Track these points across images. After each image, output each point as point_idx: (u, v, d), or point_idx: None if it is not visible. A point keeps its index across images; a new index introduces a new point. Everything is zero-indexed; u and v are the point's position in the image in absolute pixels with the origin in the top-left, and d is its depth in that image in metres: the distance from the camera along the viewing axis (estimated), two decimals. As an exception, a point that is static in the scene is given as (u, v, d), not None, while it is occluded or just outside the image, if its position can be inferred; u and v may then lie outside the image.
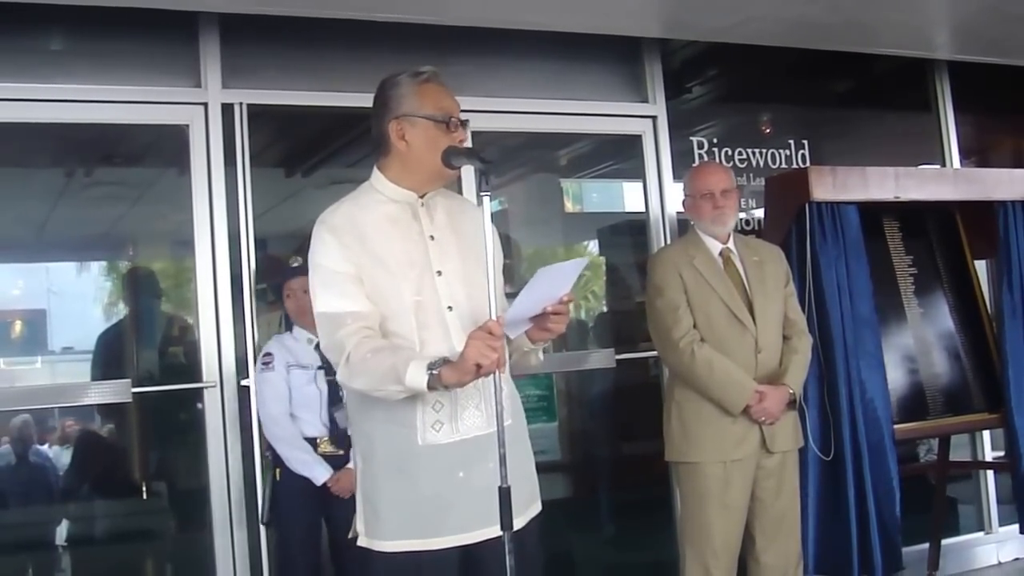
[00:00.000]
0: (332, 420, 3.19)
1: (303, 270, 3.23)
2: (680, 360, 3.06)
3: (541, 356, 2.12)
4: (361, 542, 2.05)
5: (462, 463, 1.98)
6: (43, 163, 3.77)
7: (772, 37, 4.11)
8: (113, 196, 3.95)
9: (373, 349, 1.92)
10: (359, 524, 2.07)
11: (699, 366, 3.02)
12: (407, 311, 1.98)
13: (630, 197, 4.42)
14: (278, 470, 3.21)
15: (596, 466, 4.59)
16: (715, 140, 4.34)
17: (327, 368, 3.19)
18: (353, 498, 3.01)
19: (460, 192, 3.28)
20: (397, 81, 2.06)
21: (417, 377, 1.83)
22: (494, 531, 1.90)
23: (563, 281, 1.91)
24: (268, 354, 3.25)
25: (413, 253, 2.02)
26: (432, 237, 2.05)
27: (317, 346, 3.21)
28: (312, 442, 3.19)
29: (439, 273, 2.02)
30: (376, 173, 2.11)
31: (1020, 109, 5.00)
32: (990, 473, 4.62)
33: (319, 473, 3.14)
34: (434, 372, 1.83)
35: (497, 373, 1.83)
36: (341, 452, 3.16)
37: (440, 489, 1.97)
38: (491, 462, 1.92)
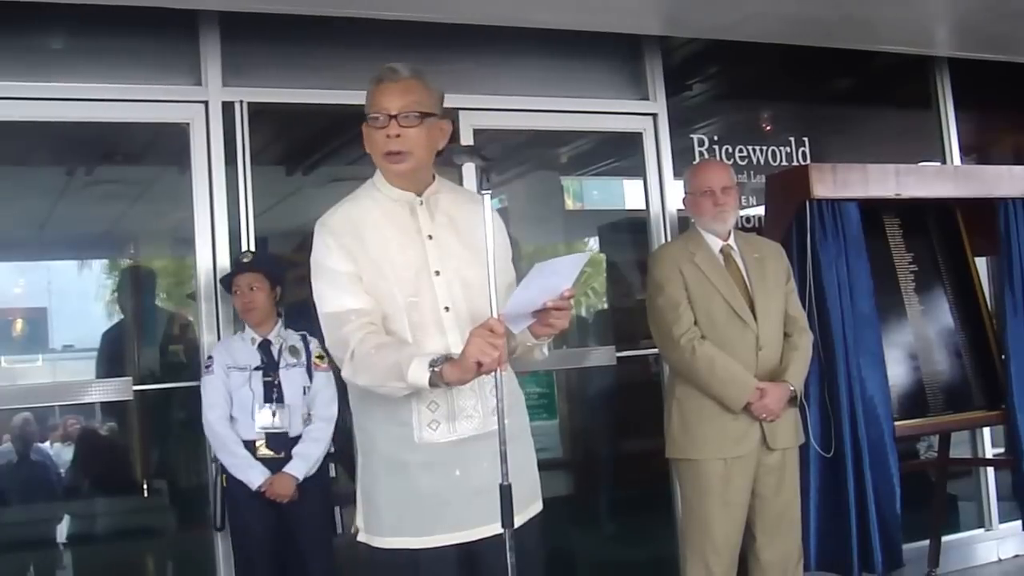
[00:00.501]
0: (269, 420, 3.10)
1: (252, 266, 3.17)
2: (681, 357, 3.07)
3: (545, 351, 2.12)
4: (361, 537, 2.07)
5: (458, 462, 1.99)
6: (44, 161, 3.78)
7: (772, 34, 4.12)
8: (114, 194, 3.95)
9: (377, 345, 1.92)
10: (359, 519, 2.08)
11: (700, 363, 3.02)
12: (400, 312, 1.98)
13: (630, 194, 4.42)
14: (224, 476, 3.13)
15: (597, 463, 4.59)
16: (715, 137, 4.34)
17: (265, 368, 3.14)
18: (308, 496, 3.00)
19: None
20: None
21: (419, 374, 1.84)
22: (491, 529, 1.91)
23: (563, 276, 1.90)
24: (210, 356, 3.20)
25: (410, 253, 2.02)
26: (430, 236, 2.04)
27: (261, 345, 3.18)
28: (251, 445, 3.10)
29: (437, 273, 2.02)
30: (377, 171, 2.12)
31: (1021, 106, 4.99)
32: (990, 470, 4.62)
33: (253, 477, 3.05)
34: (435, 369, 1.83)
35: (498, 371, 1.83)
36: (281, 455, 3.09)
37: (436, 487, 1.98)
38: (486, 461, 1.93)
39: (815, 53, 4.34)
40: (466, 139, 3.69)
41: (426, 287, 2.00)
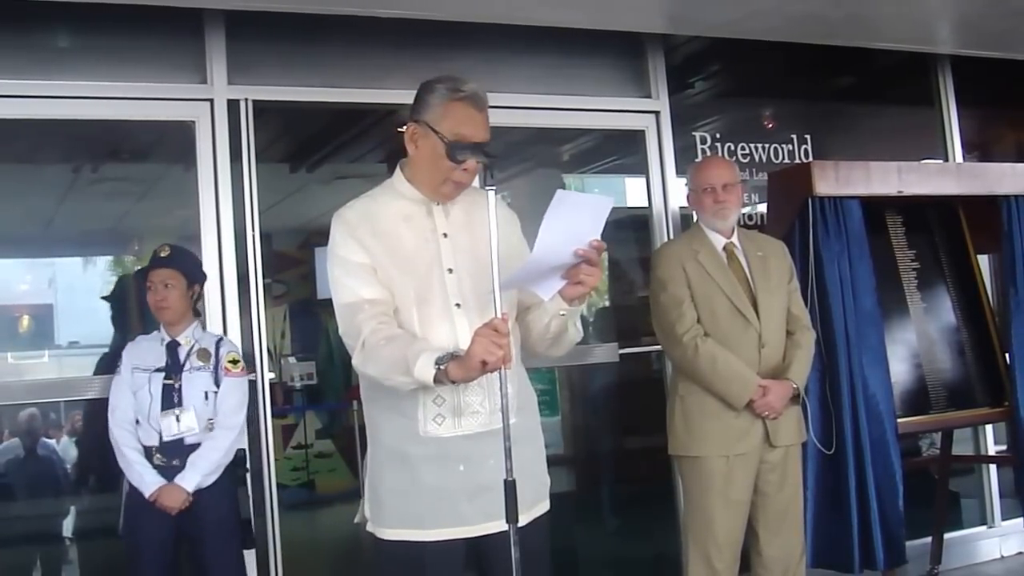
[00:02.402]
0: (166, 427, 2.94)
1: (168, 262, 3.04)
2: (684, 354, 3.08)
3: (579, 326, 2.10)
4: (369, 528, 2.09)
5: (462, 457, 2.00)
6: (50, 159, 3.80)
7: (775, 32, 4.12)
8: (119, 192, 3.98)
9: (388, 337, 1.94)
10: (366, 509, 2.11)
11: (703, 360, 3.03)
12: (411, 306, 2.00)
13: (633, 192, 4.43)
14: (126, 480, 2.98)
15: (600, 460, 4.61)
16: (718, 135, 4.34)
17: (168, 370, 3.00)
18: (210, 507, 2.92)
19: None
20: (434, 87, 2.03)
21: (425, 370, 1.85)
22: (495, 526, 1.92)
23: (588, 222, 1.86)
24: (120, 357, 3.07)
25: (423, 251, 2.04)
26: (445, 235, 2.06)
27: (168, 346, 3.04)
28: (149, 451, 2.95)
29: (450, 271, 2.03)
30: (397, 170, 2.13)
31: (1023, 103, 4.99)
32: (992, 467, 4.63)
33: (146, 485, 2.90)
34: (441, 367, 1.84)
35: (504, 369, 1.83)
36: (176, 464, 2.93)
37: (440, 482, 2.00)
38: (492, 458, 1.94)
39: (817, 51, 4.34)
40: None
41: (438, 283, 2.02)
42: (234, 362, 3.07)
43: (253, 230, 3.43)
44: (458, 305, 2.01)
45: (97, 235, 4.08)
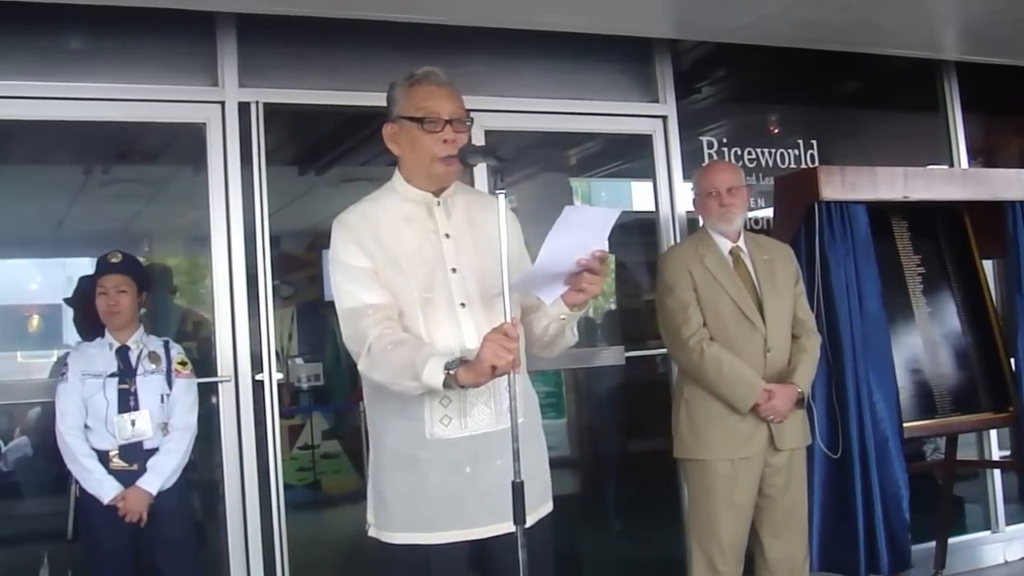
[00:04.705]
0: (125, 431, 2.95)
1: (121, 267, 3.03)
2: (689, 358, 3.09)
3: (575, 331, 2.12)
4: (371, 533, 2.09)
5: (469, 459, 2.01)
6: (62, 160, 3.82)
7: (781, 38, 4.14)
8: (130, 193, 4.00)
9: (394, 342, 1.94)
10: (369, 515, 2.11)
11: (708, 364, 3.04)
12: (415, 307, 2.00)
13: (640, 196, 4.45)
14: (77, 485, 2.96)
15: (605, 462, 4.62)
16: (724, 140, 4.36)
17: (121, 375, 3.00)
18: (165, 510, 2.93)
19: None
20: (394, 85, 2.10)
21: (434, 375, 1.85)
22: (502, 527, 1.93)
23: (594, 232, 1.88)
24: (64, 364, 3.04)
25: (427, 251, 2.05)
26: (448, 235, 2.07)
27: (118, 351, 3.03)
28: (104, 456, 2.94)
29: (453, 270, 2.04)
30: (395, 172, 2.15)
31: (1028, 109, 5.01)
32: (997, 472, 4.63)
33: (105, 491, 2.90)
34: (451, 372, 1.85)
35: (512, 373, 1.84)
36: (134, 467, 2.94)
37: (447, 484, 2.00)
38: (499, 459, 1.95)
39: (824, 56, 4.35)
40: (477, 140, 3.72)
41: (442, 284, 2.03)
42: (183, 363, 3.11)
43: (263, 232, 3.44)
44: (463, 305, 2.03)
45: (108, 236, 4.10)
